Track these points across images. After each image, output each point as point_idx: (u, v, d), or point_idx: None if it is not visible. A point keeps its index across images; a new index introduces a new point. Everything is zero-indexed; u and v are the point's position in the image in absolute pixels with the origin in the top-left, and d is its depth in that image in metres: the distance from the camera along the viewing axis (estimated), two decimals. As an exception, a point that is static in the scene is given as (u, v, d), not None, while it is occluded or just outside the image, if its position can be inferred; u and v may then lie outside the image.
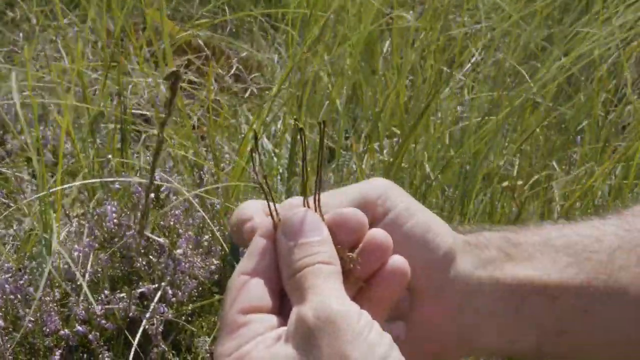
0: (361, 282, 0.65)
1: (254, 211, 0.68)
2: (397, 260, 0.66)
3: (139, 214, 1.87)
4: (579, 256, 0.72)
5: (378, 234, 0.66)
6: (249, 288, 0.62)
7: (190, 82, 2.65)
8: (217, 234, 1.95)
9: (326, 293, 0.60)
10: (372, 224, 0.68)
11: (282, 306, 0.63)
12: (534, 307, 0.71)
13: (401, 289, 0.66)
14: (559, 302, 0.71)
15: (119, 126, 2.16)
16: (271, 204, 0.65)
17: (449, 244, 0.70)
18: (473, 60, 2.67)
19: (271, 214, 0.65)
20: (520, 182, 2.22)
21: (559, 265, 0.71)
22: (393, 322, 0.69)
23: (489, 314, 0.71)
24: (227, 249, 1.94)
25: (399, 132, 2.38)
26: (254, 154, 0.64)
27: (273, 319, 0.62)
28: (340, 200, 0.68)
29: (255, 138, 0.69)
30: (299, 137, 0.70)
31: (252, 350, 0.59)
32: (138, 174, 2.19)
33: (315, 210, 0.66)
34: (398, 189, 0.71)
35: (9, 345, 1.65)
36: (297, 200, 0.67)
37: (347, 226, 0.66)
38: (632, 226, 0.74)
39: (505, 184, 2.22)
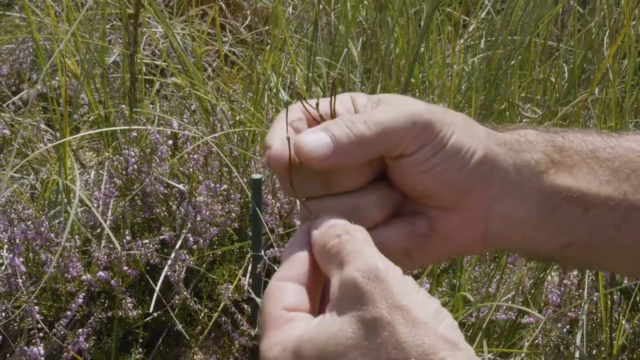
0: None
1: (275, 137, 0.68)
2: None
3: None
4: (621, 172, 0.71)
5: None
6: (289, 290, 0.63)
7: (206, 33, 2.62)
8: (235, 180, 1.93)
9: (369, 253, 0.60)
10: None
11: (318, 312, 0.64)
12: (567, 217, 0.71)
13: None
14: (592, 214, 0.70)
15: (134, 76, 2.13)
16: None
17: (480, 153, 0.70)
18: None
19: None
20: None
21: (600, 178, 0.71)
22: (417, 218, 0.71)
23: (518, 221, 0.71)
24: (247, 195, 1.93)
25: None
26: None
27: (315, 319, 0.61)
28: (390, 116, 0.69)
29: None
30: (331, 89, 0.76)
31: (301, 335, 0.59)
32: (156, 124, 2.17)
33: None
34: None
35: (32, 289, 1.64)
36: (301, 105, 0.70)
37: None
38: None
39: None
